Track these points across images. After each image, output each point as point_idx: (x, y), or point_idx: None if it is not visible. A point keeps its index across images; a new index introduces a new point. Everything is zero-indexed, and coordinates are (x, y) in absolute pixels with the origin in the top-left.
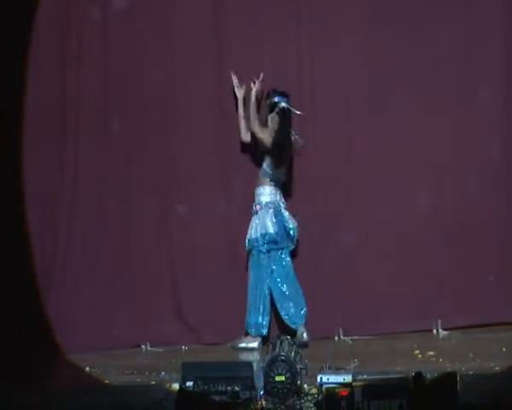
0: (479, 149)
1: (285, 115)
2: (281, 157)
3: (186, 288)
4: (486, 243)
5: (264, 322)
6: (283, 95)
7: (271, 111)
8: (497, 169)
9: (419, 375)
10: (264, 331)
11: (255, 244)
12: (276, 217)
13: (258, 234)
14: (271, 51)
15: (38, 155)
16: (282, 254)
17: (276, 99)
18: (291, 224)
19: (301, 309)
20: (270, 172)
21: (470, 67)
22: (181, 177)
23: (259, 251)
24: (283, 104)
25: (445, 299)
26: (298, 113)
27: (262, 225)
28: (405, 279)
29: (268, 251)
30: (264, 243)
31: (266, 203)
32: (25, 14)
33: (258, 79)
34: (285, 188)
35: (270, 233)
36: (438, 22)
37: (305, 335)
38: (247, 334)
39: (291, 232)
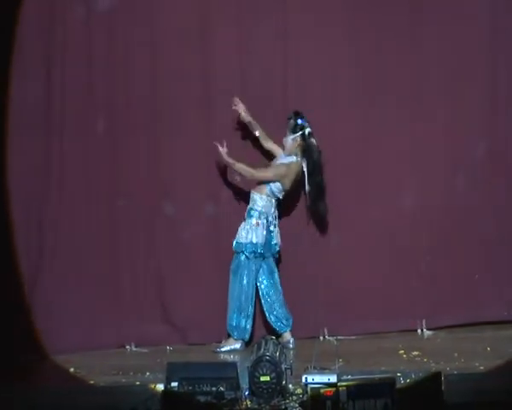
0: (465, 149)
1: (311, 139)
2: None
3: (171, 288)
4: (471, 243)
5: (248, 326)
6: (305, 118)
7: (294, 132)
8: (483, 168)
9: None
10: (247, 336)
11: (243, 249)
12: (266, 230)
13: (248, 240)
14: (257, 51)
15: (24, 155)
16: (267, 260)
17: (300, 122)
18: (275, 240)
19: (288, 315)
20: (274, 188)
21: (456, 67)
22: (168, 177)
23: (246, 256)
24: (309, 129)
25: (430, 299)
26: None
27: (252, 232)
28: (390, 279)
29: (249, 258)
30: (251, 252)
31: (261, 212)
32: (9, 12)
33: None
34: (280, 203)
35: (256, 244)
36: (424, 23)
37: (291, 341)
38: (228, 336)
39: (272, 247)
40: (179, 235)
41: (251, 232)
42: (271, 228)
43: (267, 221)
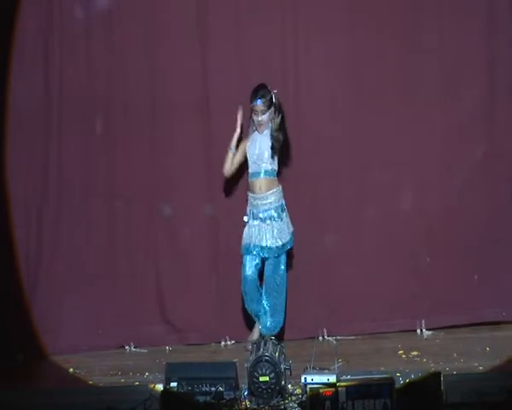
0: (463, 150)
1: (281, 107)
2: (288, 149)
3: (170, 289)
4: (470, 243)
5: None
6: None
7: (268, 107)
8: (481, 169)
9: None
10: None
11: (288, 246)
12: None
13: (290, 234)
14: (256, 50)
15: (22, 156)
16: None
17: (269, 95)
18: None
19: None
20: (277, 169)
21: (454, 68)
22: (166, 178)
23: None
24: (275, 91)
25: (429, 299)
26: None
27: (290, 224)
28: (389, 279)
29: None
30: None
31: (283, 205)
32: (7, 13)
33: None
34: None
35: (293, 232)
36: (422, 23)
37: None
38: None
39: None
40: (178, 235)
41: (290, 224)
42: None
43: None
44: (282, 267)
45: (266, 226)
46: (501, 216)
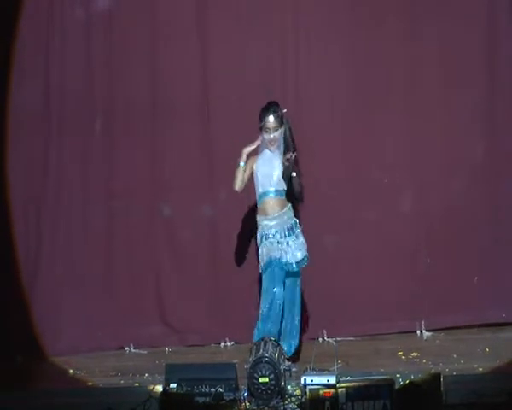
0: (463, 150)
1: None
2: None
3: (170, 290)
4: (470, 244)
5: None
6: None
7: (280, 124)
8: (481, 170)
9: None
10: None
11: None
12: None
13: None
14: (256, 51)
15: (22, 156)
16: None
17: (280, 111)
18: None
19: None
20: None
21: (453, 68)
22: (165, 178)
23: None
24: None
25: (429, 300)
26: None
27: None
28: (389, 281)
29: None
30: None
31: (296, 222)
32: (8, 14)
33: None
34: None
35: None
36: (421, 23)
37: None
38: None
39: None
40: (178, 236)
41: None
42: None
43: None
44: (297, 285)
45: (286, 243)
46: (501, 216)
